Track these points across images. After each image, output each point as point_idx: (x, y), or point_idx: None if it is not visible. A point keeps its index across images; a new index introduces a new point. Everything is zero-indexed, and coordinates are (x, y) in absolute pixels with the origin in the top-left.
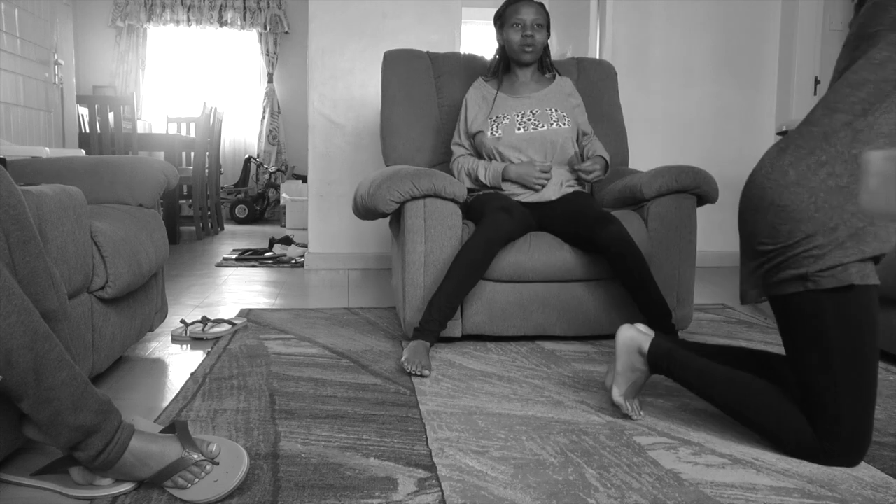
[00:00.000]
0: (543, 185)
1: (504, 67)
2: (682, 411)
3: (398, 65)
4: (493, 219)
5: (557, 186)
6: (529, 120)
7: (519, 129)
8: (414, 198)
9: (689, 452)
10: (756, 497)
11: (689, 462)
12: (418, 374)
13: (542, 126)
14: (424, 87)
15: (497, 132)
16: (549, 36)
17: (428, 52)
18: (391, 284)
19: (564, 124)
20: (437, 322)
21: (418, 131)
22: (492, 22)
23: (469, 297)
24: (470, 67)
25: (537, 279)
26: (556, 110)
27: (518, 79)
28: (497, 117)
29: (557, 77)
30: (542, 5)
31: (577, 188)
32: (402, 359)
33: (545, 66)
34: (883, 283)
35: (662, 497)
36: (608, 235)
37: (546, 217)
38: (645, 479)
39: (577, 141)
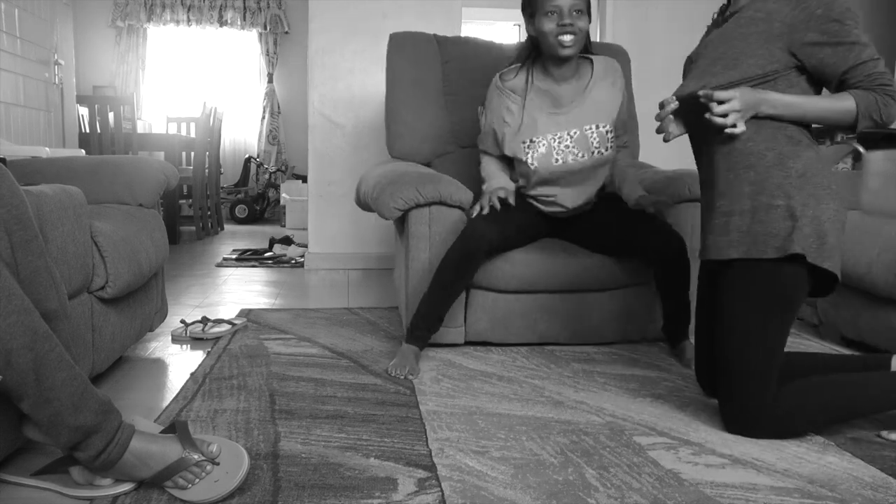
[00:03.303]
0: (484, 209)
1: (533, 59)
2: (681, 411)
3: (404, 48)
4: (471, 229)
5: (582, 199)
6: (568, 147)
7: (556, 160)
8: (419, 205)
9: (689, 452)
10: (756, 497)
11: (689, 462)
12: (402, 377)
13: (582, 155)
14: (431, 74)
15: (532, 163)
16: (590, 21)
17: (435, 35)
18: (393, 282)
19: (605, 150)
20: (424, 329)
21: (424, 121)
22: (492, 22)
23: (471, 307)
24: (479, 56)
25: (543, 289)
26: (596, 127)
27: (553, 78)
28: (532, 142)
29: (596, 64)
30: None
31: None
32: (390, 363)
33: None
34: (884, 283)
35: (662, 497)
36: (671, 249)
37: (573, 226)
38: (645, 479)
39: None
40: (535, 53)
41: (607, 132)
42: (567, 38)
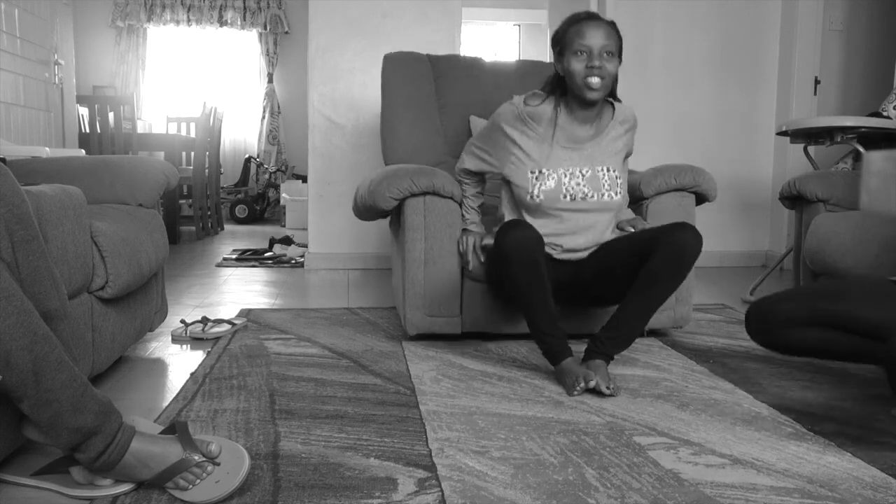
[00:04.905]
0: (468, 260)
1: (561, 92)
2: (681, 411)
3: (398, 67)
4: (514, 235)
5: (589, 243)
6: (578, 184)
7: (565, 196)
8: (413, 195)
9: (689, 452)
10: (756, 497)
11: (689, 462)
12: (582, 385)
13: (592, 196)
14: (424, 90)
15: (538, 196)
16: (620, 63)
17: (427, 55)
18: (391, 285)
19: (616, 195)
20: (552, 337)
21: (418, 133)
22: (493, 22)
23: (465, 295)
24: (469, 70)
25: None
26: (608, 170)
27: (575, 116)
28: (541, 173)
29: (617, 108)
30: (613, 25)
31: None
32: (567, 387)
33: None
34: None
35: (662, 497)
36: (683, 236)
37: (583, 269)
38: (645, 479)
39: None
40: (562, 90)
41: (616, 177)
42: (594, 80)
